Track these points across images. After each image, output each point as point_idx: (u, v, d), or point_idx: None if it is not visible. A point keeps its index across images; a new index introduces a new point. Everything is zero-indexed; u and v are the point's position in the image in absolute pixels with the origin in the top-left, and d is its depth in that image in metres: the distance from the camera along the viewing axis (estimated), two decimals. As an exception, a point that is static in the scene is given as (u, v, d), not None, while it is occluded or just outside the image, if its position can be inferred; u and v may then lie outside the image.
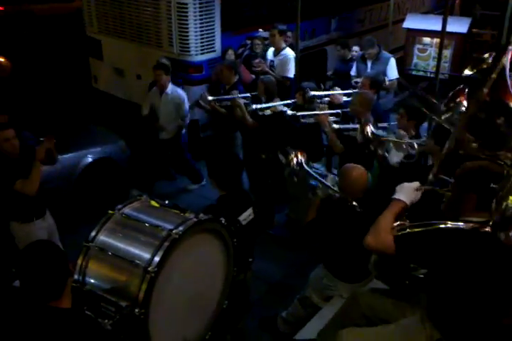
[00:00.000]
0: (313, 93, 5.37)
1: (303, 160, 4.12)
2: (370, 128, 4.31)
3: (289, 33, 7.22)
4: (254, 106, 5.48)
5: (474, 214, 2.42)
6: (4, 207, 4.33)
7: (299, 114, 5.29)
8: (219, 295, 2.95)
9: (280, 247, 5.75)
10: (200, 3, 6.93)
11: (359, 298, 3.23)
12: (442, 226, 2.41)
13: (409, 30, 8.14)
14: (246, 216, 3.35)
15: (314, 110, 5.36)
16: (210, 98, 6.07)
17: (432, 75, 7.42)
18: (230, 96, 5.87)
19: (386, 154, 4.30)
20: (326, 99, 5.58)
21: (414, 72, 7.75)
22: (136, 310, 2.31)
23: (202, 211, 2.79)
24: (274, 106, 5.50)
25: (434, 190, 2.75)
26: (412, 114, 4.40)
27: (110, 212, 2.65)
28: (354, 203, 3.55)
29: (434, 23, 6.54)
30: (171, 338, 2.58)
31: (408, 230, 2.48)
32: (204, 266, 2.79)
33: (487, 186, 2.36)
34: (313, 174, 4.12)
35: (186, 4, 6.86)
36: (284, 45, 6.75)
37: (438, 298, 2.52)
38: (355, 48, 7.45)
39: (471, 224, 2.37)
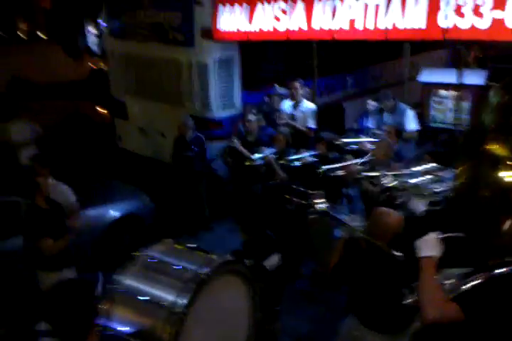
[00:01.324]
0: (344, 140, 5.45)
1: (324, 202, 4.08)
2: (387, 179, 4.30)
3: (306, 89, 7.44)
4: (289, 157, 5.58)
5: None
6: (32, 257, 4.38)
7: (331, 167, 5.30)
8: (246, 338, 2.87)
9: (306, 301, 5.64)
10: (219, 64, 7.24)
11: None
12: (496, 274, 2.27)
13: (425, 83, 8.31)
14: (272, 261, 3.31)
15: (339, 159, 5.42)
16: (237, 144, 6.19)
17: (450, 127, 7.49)
18: (262, 155, 6.00)
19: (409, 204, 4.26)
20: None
21: (432, 124, 7.84)
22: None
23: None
24: (304, 157, 5.59)
25: (458, 236, 2.68)
26: (438, 160, 4.40)
27: (135, 254, 2.66)
28: (395, 252, 3.37)
29: (449, 76, 6.69)
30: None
31: (463, 288, 2.33)
32: (230, 309, 2.73)
33: None
34: (336, 216, 4.09)
35: (206, 64, 7.17)
36: (301, 98, 6.94)
37: None
38: (372, 103, 7.58)
39: None
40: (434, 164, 4.42)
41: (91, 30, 22.97)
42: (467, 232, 2.62)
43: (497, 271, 2.29)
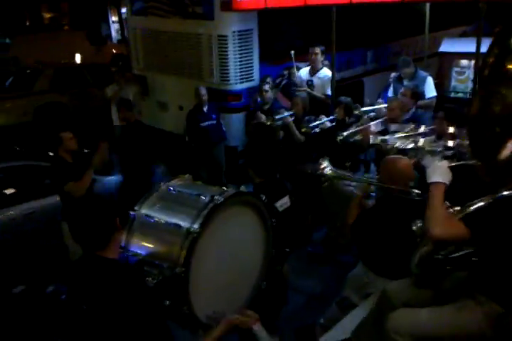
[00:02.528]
0: (362, 109, 5.47)
1: (329, 166, 4.12)
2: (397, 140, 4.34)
3: (325, 62, 7.44)
4: (310, 124, 5.61)
5: None
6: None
7: (348, 133, 5.31)
8: (257, 273, 2.96)
9: (318, 263, 5.78)
10: (239, 35, 7.30)
11: (389, 292, 3.17)
12: (501, 196, 2.36)
13: (445, 53, 8.23)
14: (282, 203, 3.39)
15: (355, 124, 5.45)
16: (264, 117, 6.24)
17: (470, 96, 7.42)
18: (281, 115, 5.99)
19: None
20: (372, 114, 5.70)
21: (452, 95, 7.78)
22: (177, 269, 2.36)
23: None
24: (323, 122, 5.63)
25: (466, 164, 2.74)
26: (452, 117, 4.41)
27: (157, 185, 2.77)
28: (416, 191, 3.41)
29: (470, 46, 6.63)
30: (210, 305, 2.59)
31: (469, 210, 2.43)
32: (244, 237, 2.83)
33: None
34: (345, 173, 4.13)
35: (226, 36, 7.25)
36: (321, 65, 6.95)
37: (502, 270, 2.45)
38: (393, 74, 7.48)
39: None
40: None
41: (113, 18, 23.32)
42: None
43: (503, 194, 2.35)
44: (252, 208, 2.84)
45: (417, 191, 3.42)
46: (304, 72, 7.08)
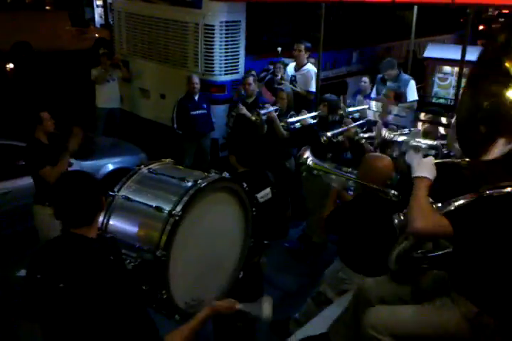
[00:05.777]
0: (348, 110, 5.48)
1: (310, 156, 4.12)
2: (385, 130, 4.36)
3: (311, 60, 7.44)
4: (289, 120, 5.58)
5: (505, 179, 2.39)
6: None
7: (332, 133, 5.29)
8: (235, 262, 2.93)
9: (294, 259, 5.80)
10: (226, 26, 7.25)
11: (366, 287, 3.18)
12: (485, 194, 2.35)
13: (429, 59, 8.33)
14: (264, 194, 3.36)
15: (338, 121, 5.45)
16: (245, 111, 6.21)
17: (451, 103, 7.52)
18: (266, 110, 5.93)
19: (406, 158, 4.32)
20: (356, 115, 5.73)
21: (434, 100, 7.87)
22: (158, 252, 2.31)
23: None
24: (304, 118, 5.61)
25: (452, 161, 2.76)
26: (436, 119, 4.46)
27: (137, 167, 2.71)
28: (392, 192, 3.41)
29: (454, 52, 6.70)
30: (187, 291, 2.55)
31: (453, 206, 2.41)
32: (224, 225, 2.79)
33: None
34: (325, 166, 4.13)
35: (213, 26, 7.18)
36: (306, 61, 6.94)
37: (479, 270, 2.45)
38: (365, 79, 7.53)
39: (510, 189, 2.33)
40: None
41: (98, 1, 22.92)
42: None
43: (488, 192, 2.36)
44: (233, 196, 2.80)
45: (394, 192, 3.41)
46: (290, 67, 7.07)
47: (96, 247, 2.14)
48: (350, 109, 5.94)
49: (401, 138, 4.27)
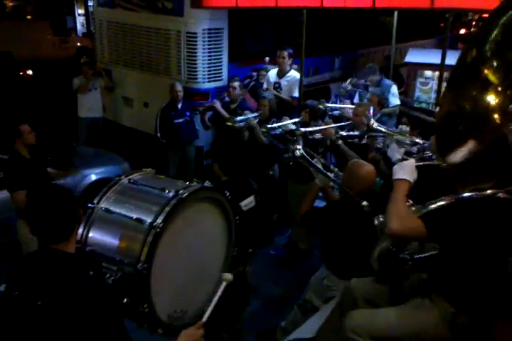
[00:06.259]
0: (328, 105, 5.48)
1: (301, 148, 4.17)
2: (373, 121, 4.40)
3: (294, 66, 7.45)
4: (269, 126, 5.56)
5: (483, 182, 2.42)
6: None
7: (308, 129, 5.31)
8: (219, 272, 2.89)
9: (280, 266, 5.77)
10: (209, 34, 7.23)
11: (352, 286, 3.18)
12: (463, 197, 2.38)
13: (411, 64, 8.40)
14: (247, 202, 3.34)
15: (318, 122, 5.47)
16: (219, 107, 6.24)
17: (433, 108, 7.56)
18: (243, 117, 5.89)
19: (387, 150, 4.30)
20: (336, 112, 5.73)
21: (415, 104, 7.91)
22: (139, 265, 2.26)
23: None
24: (285, 124, 5.59)
25: (432, 165, 2.77)
26: (415, 123, 4.49)
27: (117, 178, 2.66)
28: (364, 203, 3.42)
29: (435, 57, 6.75)
30: (171, 304, 2.51)
31: (429, 209, 2.43)
32: (207, 236, 2.76)
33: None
34: (314, 163, 4.13)
35: (196, 33, 7.16)
36: (289, 68, 6.94)
37: (456, 271, 2.48)
38: (345, 85, 7.54)
39: (489, 192, 2.36)
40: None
41: (79, 10, 22.86)
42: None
43: (465, 195, 2.38)
44: (216, 205, 2.77)
45: (365, 202, 3.41)
46: (272, 74, 7.08)
47: (75, 262, 2.09)
48: (331, 105, 5.93)
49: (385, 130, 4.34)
